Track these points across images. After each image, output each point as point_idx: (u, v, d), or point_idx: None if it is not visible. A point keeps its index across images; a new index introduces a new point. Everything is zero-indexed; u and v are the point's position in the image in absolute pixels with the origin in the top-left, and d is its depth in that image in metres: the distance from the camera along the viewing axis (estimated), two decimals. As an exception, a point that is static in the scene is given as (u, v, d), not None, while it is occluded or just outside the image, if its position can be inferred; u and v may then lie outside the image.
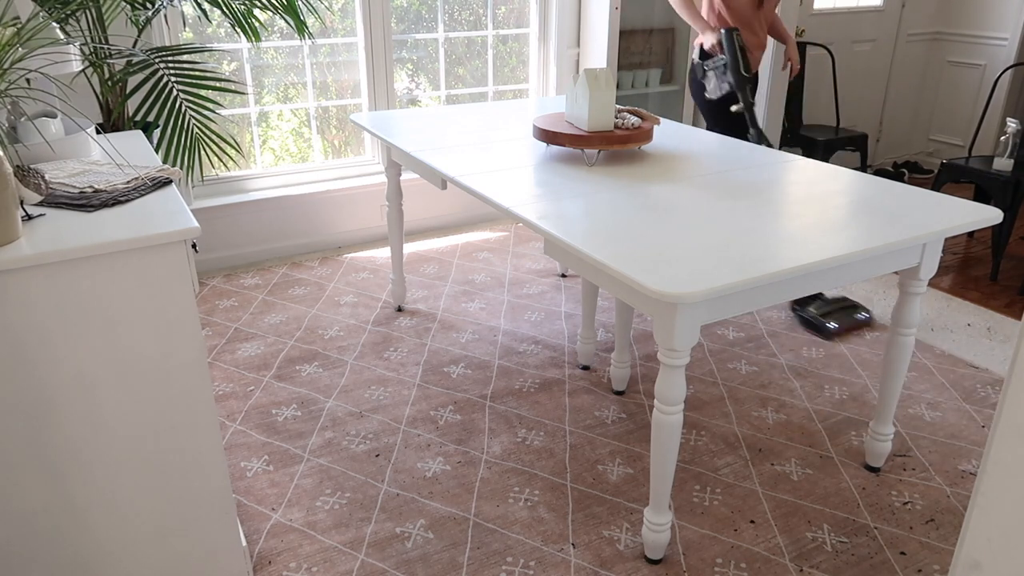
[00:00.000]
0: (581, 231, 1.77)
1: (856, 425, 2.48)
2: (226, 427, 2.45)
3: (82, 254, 1.37)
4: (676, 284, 1.50)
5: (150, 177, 1.69)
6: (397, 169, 2.96)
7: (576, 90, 2.36)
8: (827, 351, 2.92)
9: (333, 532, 2.01)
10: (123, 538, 1.62)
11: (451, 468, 2.26)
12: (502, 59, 4.28)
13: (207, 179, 3.61)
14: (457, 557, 1.93)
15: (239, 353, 2.88)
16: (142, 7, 2.82)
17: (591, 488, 2.18)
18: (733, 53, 3.12)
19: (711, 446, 2.37)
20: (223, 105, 3.52)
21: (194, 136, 2.65)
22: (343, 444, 2.37)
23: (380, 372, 2.76)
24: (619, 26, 4.02)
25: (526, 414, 2.52)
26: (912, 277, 1.97)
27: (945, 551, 1.97)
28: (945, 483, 2.21)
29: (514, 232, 4.13)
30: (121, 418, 1.52)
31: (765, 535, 2.01)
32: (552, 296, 3.37)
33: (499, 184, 2.11)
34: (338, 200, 3.85)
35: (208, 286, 3.46)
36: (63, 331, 1.41)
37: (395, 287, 3.19)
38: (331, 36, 3.76)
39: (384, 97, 3.90)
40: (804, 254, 1.65)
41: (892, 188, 2.08)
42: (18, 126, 1.80)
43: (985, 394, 2.65)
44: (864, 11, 4.84)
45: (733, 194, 2.04)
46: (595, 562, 1.92)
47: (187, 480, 1.64)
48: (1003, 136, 3.58)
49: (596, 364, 2.82)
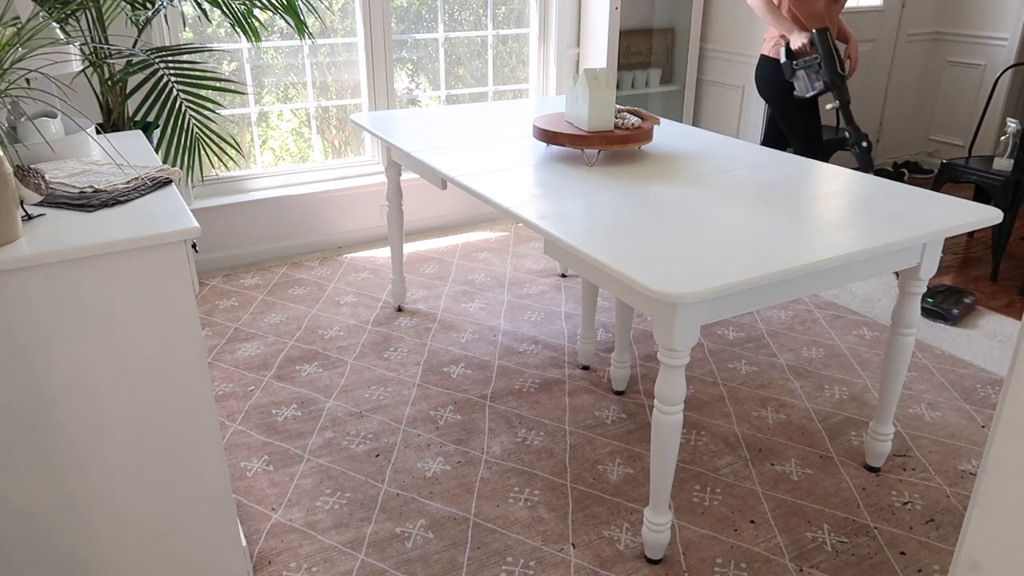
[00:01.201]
0: (581, 231, 1.77)
1: (856, 425, 2.48)
2: (226, 427, 2.45)
3: (82, 254, 1.37)
4: (676, 284, 1.50)
5: (150, 177, 1.69)
6: (397, 169, 2.96)
7: (576, 90, 2.36)
8: (827, 351, 2.92)
9: (333, 532, 2.01)
10: (123, 538, 1.62)
11: (451, 468, 2.26)
12: (502, 59, 4.28)
13: (207, 179, 3.61)
14: (457, 557, 1.93)
15: (239, 353, 2.88)
16: (142, 7, 2.82)
17: (591, 488, 2.18)
18: (828, 52, 3.18)
19: (711, 446, 2.37)
20: (223, 105, 3.52)
21: (194, 136, 2.65)
22: (343, 444, 2.37)
23: (380, 372, 2.76)
24: (619, 26, 4.02)
25: (526, 414, 2.52)
26: (912, 277, 1.97)
27: (945, 551, 1.97)
28: (945, 483, 2.21)
29: (514, 232, 4.13)
30: (121, 418, 1.52)
31: (765, 535, 2.01)
32: (552, 296, 3.37)
33: (499, 184, 2.11)
34: (338, 200, 3.85)
35: (208, 286, 3.46)
36: (63, 331, 1.41)
37: (395, 287, 3.19)
38: (331, 36, 3.76)
39: (384, 97, 3.90)
40: (804, 254, 1.65)
41: (892, 188, 2.08)
42: (18, 126, 1.80)
43: (985, 394, 2.65)
44: (864, 11, 4.84)
45: (733, 194, 2.04)
46: (595, 562, 1.92)
47: (187, 480, 1.64)
48: (1003, 136, 3.58)
49: (596, 364, 2.82)
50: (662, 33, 4.40)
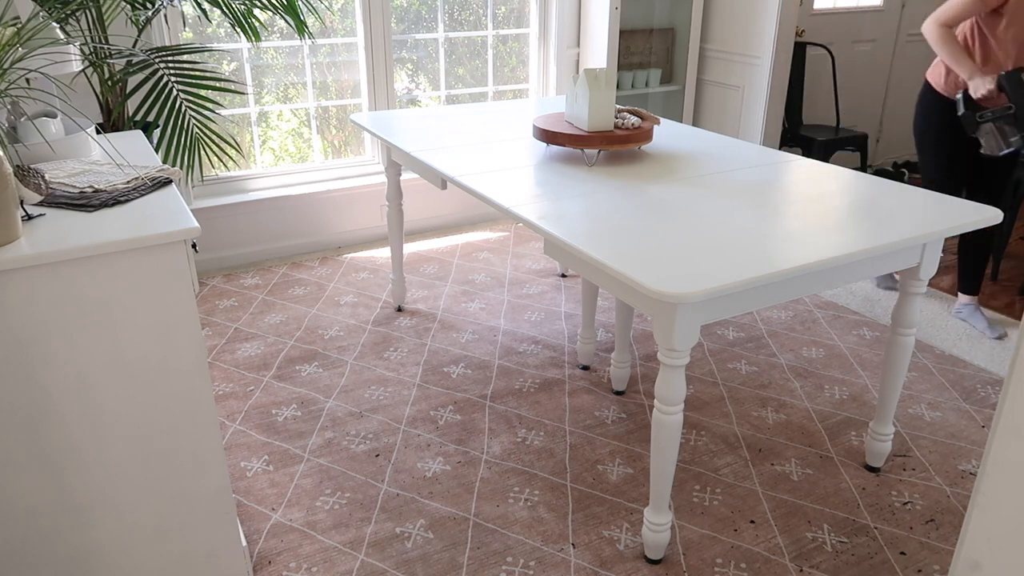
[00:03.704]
0: (581, 231, 1.77)
1: (856, 425, 2.48)
2: (226, 427, 2.45)
3: (82, 254, 1.37)
4: (676, 284, 1.50)
5: (150, 177, 1.69)
6: (397, 169, 2.96)
7: (576, 90, 2.36)
8: (827, 351, 2.92)
9: (333, 532, 2.01)
10: (123, 538, 1.62)
11: (451, 468, 2.26)
12: (502, 59, 4.28)
13: (207, 179, 3.61)
14: (457, 557, 1.93)
15: (239, 353, 2.88)
16: (142, 7, 2.82)
17: (591, 488, 2.18)
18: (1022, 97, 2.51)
19: (711, 446, 2.37)
20: (223, 105, 3.52)
21: (194, 136, 2.65)
22: (343, 444, 2.37)
23: (380, 372, 2.76)
24: (619, 26, 4.02)
25: (526, 414, 2.52)
26: (912, 277, 1.97)
27: (945, 551, 1.97)
28: (945, 483, 2.21)
29: (514, 232, 4.12)
30: (121, 418, 1.52)
31: (765, 535, 2.01)
32: (552, 296, 3.37)
33: (499, 184, 2.11)
34: (338, 200, 3.85)
35: (208, 286, 3.46)
36: (63, 331, 1.41)
37: (395, 287, 3.19)
38: (331, 36, 3.76)
39: (384, 97, 3.90)
40: (804, 254, 1.65)
41: (892, 188, 2.08)
42: (18, 126, 1.80)
43: (985, 394, 2.65)
44: (864, 11, 4.84)
45: (733, 194, 2.04)
46: (595, 562, 1.92)
47: (187, 480, 1.64)
48: (1003, 136, 3.57)
49: (596, 364, 2.82)
50: (662, 33, 4.39)
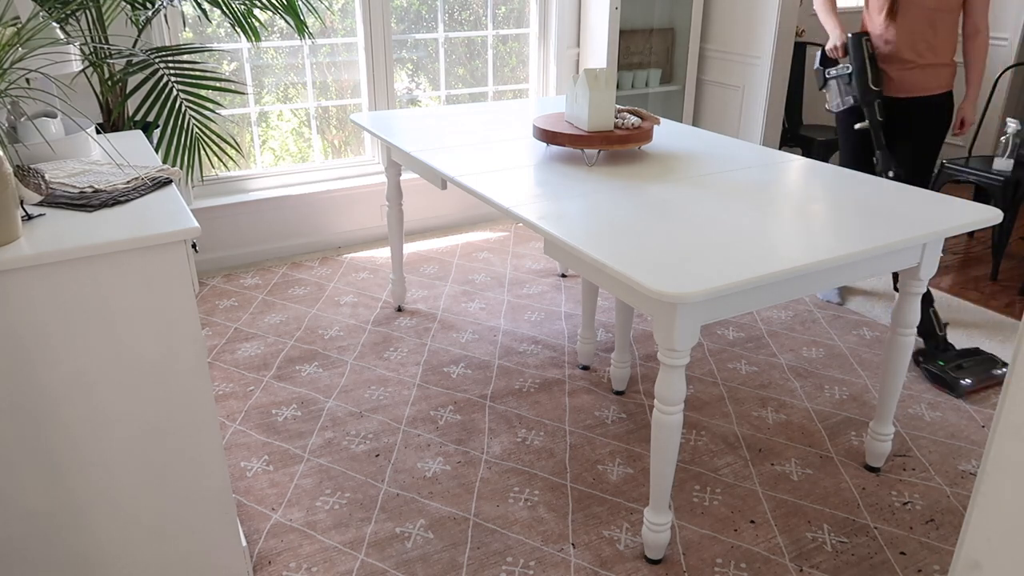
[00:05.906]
0: (581, 231, 1.77)
1: (856, 425, 2.48)
2: (226, 427, 2.45)
3: (82, 254, 1.37)
4: (676, 284, 1.50)
5: (150, 177, 1.69)
6: (397, 169, 2.96)
7: (576, 90, 2.36)
8: (827, 351, 2.92)
9: (333, 532, 2.01)
10: (123, 538, 1.62)
11: (451, 468, 2.26)
12: (502, 59, 4.28)
13: (207, 179, 3.61)
14: (457, 557, 1.93)
15: (239, 353, 2.88)
16: (142, 7, 2.82)
17: (591, 488, 2.18)
18: (860, 61, 2.76)
19: (711, 446, 2.37)
20: (223, 105, 3.52)
21: (194, 136, 2.65)
22: (343, 444, 2.37)
23: (380, 372, 2.76)
24: (619, 26, 4.02)
25: (526, 414, 2.52)
26: (912, 277, 1.97)
27: (945, 551, 1.97)
28: (945, 483, 2.21)
29: (514, 232, 4.13)
30: (121, 418, 1.52)
31: (765, 535, 2.01)
32: (552, 296, 3.37)
33: (499, 184, 2.11)
34: (338, 200, 3.85)
35: (208, 286, 3.46)
36: (63, 331, 1.41)
37: (395, 287, 3.19)
38: (331, 36, 3.76)
39: (384, 97, 3.90)
40: (804, 254, 1.65)
41: (892, 188, 2.08)
42: (18, 126, 1.80)
43: (985, 394, 2.65)
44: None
45: (733, 194, 2.04)
46: (595, 562, 1.92)
47: (187, 480, 1.64)
48: (1003, 136, 3.58)
49: (596, 364, 2.82)
50: (662, 33, 4.39)
